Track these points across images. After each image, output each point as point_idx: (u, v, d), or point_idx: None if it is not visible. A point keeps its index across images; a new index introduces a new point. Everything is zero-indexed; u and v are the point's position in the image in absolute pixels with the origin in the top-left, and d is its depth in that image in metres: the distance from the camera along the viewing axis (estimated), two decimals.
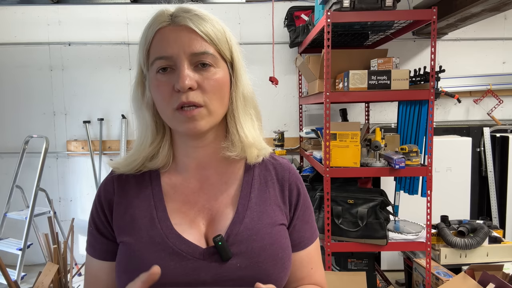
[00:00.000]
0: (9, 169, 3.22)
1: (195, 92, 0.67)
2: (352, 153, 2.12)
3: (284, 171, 0.80)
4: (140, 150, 0.74)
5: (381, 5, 2.04)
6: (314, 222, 0.82)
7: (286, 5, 3.14)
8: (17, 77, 3.28)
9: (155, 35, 0.68)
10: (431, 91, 2.08)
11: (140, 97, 0.74)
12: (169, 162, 0.76)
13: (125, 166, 0.75)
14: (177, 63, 0.66)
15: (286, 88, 3.31)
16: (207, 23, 0.68)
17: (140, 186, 0.75)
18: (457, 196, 3.04)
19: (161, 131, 0.75)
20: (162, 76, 0.68)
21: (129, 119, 3.34)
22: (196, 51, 0.67)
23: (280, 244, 0.72)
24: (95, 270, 0.76)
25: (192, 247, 0.68)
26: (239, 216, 0.72)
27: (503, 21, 3.28)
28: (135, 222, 0.71)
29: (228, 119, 0.75)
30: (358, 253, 2.35)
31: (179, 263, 0.67)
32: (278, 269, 0.70)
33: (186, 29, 0.67)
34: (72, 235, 2.70)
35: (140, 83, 0.74)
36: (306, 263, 0.79)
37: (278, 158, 0.83)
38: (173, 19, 0.68)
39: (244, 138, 0.74)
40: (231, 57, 0.72)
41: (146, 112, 0.73)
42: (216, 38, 0.69)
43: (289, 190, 0.78)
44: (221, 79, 0.70)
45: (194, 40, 0.67)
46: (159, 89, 0.68)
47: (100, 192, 0.77)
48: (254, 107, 0.78)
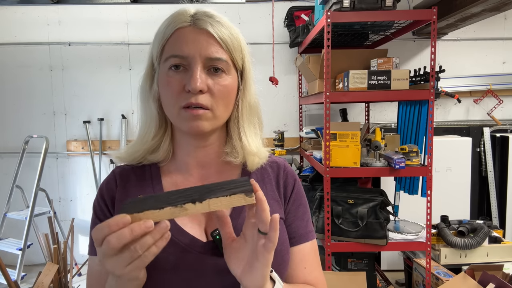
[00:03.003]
0: (9, 169, 3.22)
1: (204, 95, 0.69)
2: (352, 153, 2.12)
3: (280, 168, 0.83)
4: (142, 142, 0.76)
5: (381, 5, 2.04)
6: (309, 222, 0.82)
7: (286, 5, 3.14)
8: (17, 77, 3.28)
9: (174, 32, 0.70)
10: (431, 91, 2.08)
11: (148, 88, 0.76)
12: (168, 156, 0.78)
13: (127, 156, 0.77)
14: (192, 64, 0.68)
15: (286, 88, 3.31)
16: (226, 30, 0.71)
17: (142, 183, 0.77)
18: (457, 196, 3.04)
19: (163, 126, 0.77)
20: (174, 73, 0.69)
21: (129, 119, 3.35)
22: (212, 56, 0.69)
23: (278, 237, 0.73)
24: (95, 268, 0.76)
25: (193, 240, 0.70)
26: (236, 211, 0.74)
27: (503, 21, 3.28)
28: None
29: (230, 124, 0.77)
30: (358, 253, 2.35)
31: (180, 255, 0.68)
32: (277, 262, 0.71)
33: (205, 33, 0.69)
34: (72, 235, 2.70)
35: (149, 76, 0.76)
36: (298, 260, 0.78)
37: (274, 157, 0.85)
38: (194, 21, 0.70)
39: (247, 145, 0.76)
40: (242, 66, 0.75)
41: (152, 104, 0.75)
42: (232, 46, 0.71)
43: (283, 185, 0.80)
44: (230, 86, 0.72)
45: (211, 45, 0.69)
46: (169, 85, 0.70)
47: (102, 191, 0.78)
48: (258, 117, 0.80)
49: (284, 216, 0.79)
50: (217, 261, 0.69)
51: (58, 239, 2.45)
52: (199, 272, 0.68)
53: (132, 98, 3.33)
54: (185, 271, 0.68)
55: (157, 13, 3.14)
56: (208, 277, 0.68)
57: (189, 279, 0.68)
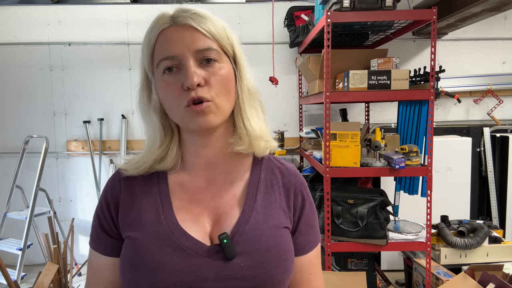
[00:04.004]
0: (9, 169, 3.21)
1: (203, 88, 0.68)
2: (352, 153, 2.12)
3: (291, 175, 0.81)
4: (149, 154, 0.75)
5: (381, 5, 2.04)
6: (317, 226, 0.83)
7: (286, 5, 3.14)
8: (17, 77, 3.28)
9: (158, 37, 0.70)
10: (431, 91, 2.08)
11: (146, 101, 0.75)
12: (177, 163, 0.77)
13: (134, 169, 0.76)
14: (183, 61, 0.68)
15: (286, 88, 3.31)
16: (207, 20, 0.70)
17: (147, 183, 0.76)
18: (457, 196, 3.04)
19: (169, 133, 0.76)
20: (169, 76, 0.69)
21: (129, 119, 3.35)
22: (201, 48, 0.68)
23: (284, 246, 0.73)
24: (99, 265, 0.77)
25: (197, 244, 0.69)
26: (244, 217, 0.73)
27: (503, 21, 3.28)
28: (141, 217, 0.72)
29: (235, 113, 0.76)
30: (358, 253, 2.35)
31: (183, 259, 0.68)
32: (281, 271, 0.71)
33: (188, 28, 0.69)
34: (72, 235, 2.70)
35: (145, 87, 0.75)
36: (306, 268, 0.80)
37: (285, 163, 0.84)
38: (174, 19, 0.70)
39: (251, 130, 0.75)
40: (233, 52, 0.74)
41: (154, 116, 0.74)
42: (218, 34, 0.70)
43: (294, 195, 0.79)
44: (226, 73, 0.71)
45: (197, 38, 0.68)
46: (168, 89, 0.69)
47: (106, 190, 0.78)
48: (259, 100, 0.80)
49: (296, 227, 0.78)
50: (221, 266, 0.68)
51: (58, 239, 2.45)
52: (203, 277, 0.67)
53: (132, 98, 3.33)
54: (188, 275, 0.67)
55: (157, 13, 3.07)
56: (212, 282, 0.67)
57: (192, 283, 0.67)
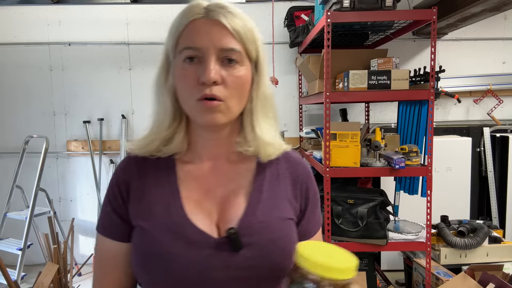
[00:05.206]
0: (9, 169, 3.22)
1: (218, 87, 0.69)
2: (352, 153, 2.12)
3: (298, 165, 0.82)
4: (157, 132, 0.76)
5: (381, 5, 2.04)
6: (320, 212, 0.85)
7: (286, 5, 3.14)
8: (17, 77, 3.28)
9: (188, 25, 0.70)
10: (431, 91, 2.08)
11: (163, 81, 0.76)
12: (183, 148, 0.77)
13: (141, 148, 0.77)
14: (205, 55, 0.68)
15: (286, 88, 3.31)
16: (240, 21, 0.71)
17: (157, 173, 0.77)
18: (457, 196, 3.04)
19: (178, 118, 0.77)
20: (189, 65, 0.70)
21: (129, 119, 3.35)
22: (225, 47, 0.69)
23: (289, 237, 0.74)
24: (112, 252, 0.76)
25: (205, 236, 0.70)
26: (251, 209, 0.74)
27: (503, 21, 3.28)
28: (152, 208, 0.73)
29: (244, 116, 0.77)
30: (358, 253, 2.31)
31: (192, 251, 0.69)
32: (286, 259, 0.72)
33: (218, 24, 0.69)
34: (72, 235, 2.70)
35: (164, 68, 0.76)
36: None
37: (290, 152, 0.85)
38: (208, 12, 0.70)
39: (260, 135, 0.76)
40: (256, 57, 0.75)
41: (167, 98, 0.75)
42: (245, 37, 0.71)
43: (300, 183, 0.80)
44: (244, 77, 0.72)
45: (224, 36, 0.69)
46: (185, 78, 0.70)
47: (118, 174, 0.78)
48: (273, 109, 0.80)
49: (303, 214, 0.80)
50: (228, 258, 0.69)
51: (58, 239, 2.45)
52: (211, 266, 0.68)
53: (132, 98, 3.33)
54: (198, 265, 0.68)
55: (157, 13, 3.14)
56: (219, 271, 0.68)
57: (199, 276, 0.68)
